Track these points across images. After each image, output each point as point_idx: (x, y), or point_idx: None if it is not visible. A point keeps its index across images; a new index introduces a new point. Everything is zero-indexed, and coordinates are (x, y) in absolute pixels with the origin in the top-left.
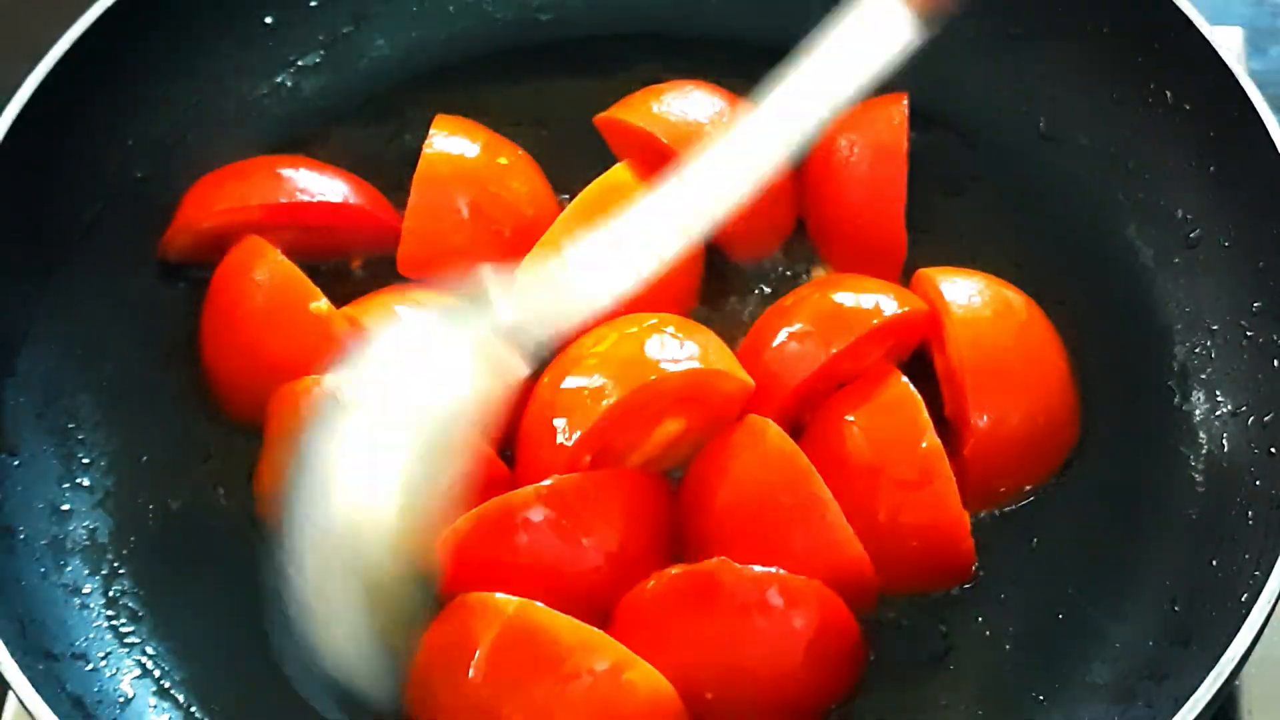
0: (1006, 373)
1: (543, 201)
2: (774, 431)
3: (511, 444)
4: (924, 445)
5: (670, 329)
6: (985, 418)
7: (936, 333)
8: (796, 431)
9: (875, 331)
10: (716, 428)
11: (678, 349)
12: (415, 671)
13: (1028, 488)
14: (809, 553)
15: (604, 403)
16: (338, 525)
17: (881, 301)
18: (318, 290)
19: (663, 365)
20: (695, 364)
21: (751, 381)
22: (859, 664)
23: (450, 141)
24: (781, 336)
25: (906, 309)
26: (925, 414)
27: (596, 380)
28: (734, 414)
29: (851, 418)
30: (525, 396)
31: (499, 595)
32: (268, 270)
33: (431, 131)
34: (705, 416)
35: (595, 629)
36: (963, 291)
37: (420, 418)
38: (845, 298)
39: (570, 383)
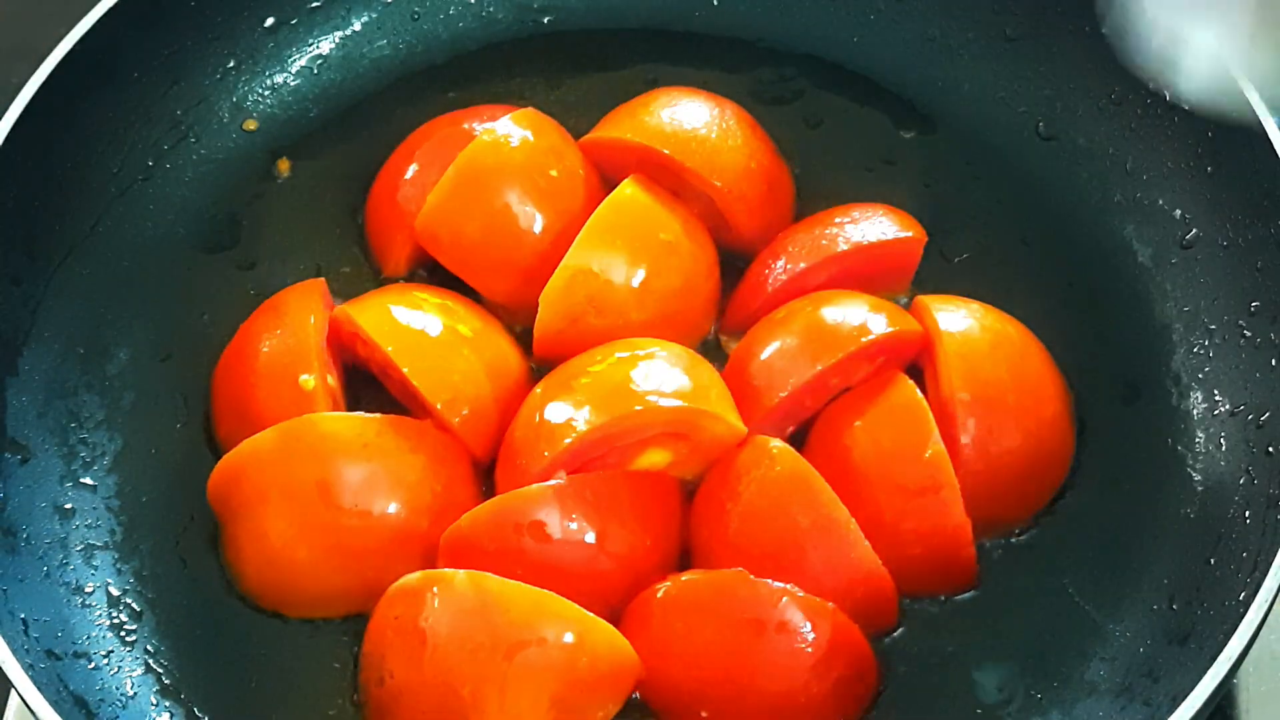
0: (998, 408)
1: (573, 224)
2: (786, 452)
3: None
4: (929, 453)
5: (670, 360)
6: (973, 452)
7: (930, 362)
8: (794, 438)
9: (864, 350)
10: (707, 463)
11: (669, 384)
12: (367, 652)
13: (1013, 521)
14: (828, 573)
15: (577, 429)
16: None
17: (871, 320)
18: (316, 363)
19: (648, 399)
20: (680, 402)
21: (744, 428)
22: (869, 689)
23: (511, 134)
24: (770, 350)
25: (897, 328)
26: (931, 420)
27: (578, 403)
28: (723, 455)
29: (859, 423)
30: (521, 396)
31: (447, 569)
32: (285, 326)
33: (506, 118)
34: (693, 453)
35: (549, 593)
36: (958, 322)
37: None
38: (835, 314)
39: (554, 401)
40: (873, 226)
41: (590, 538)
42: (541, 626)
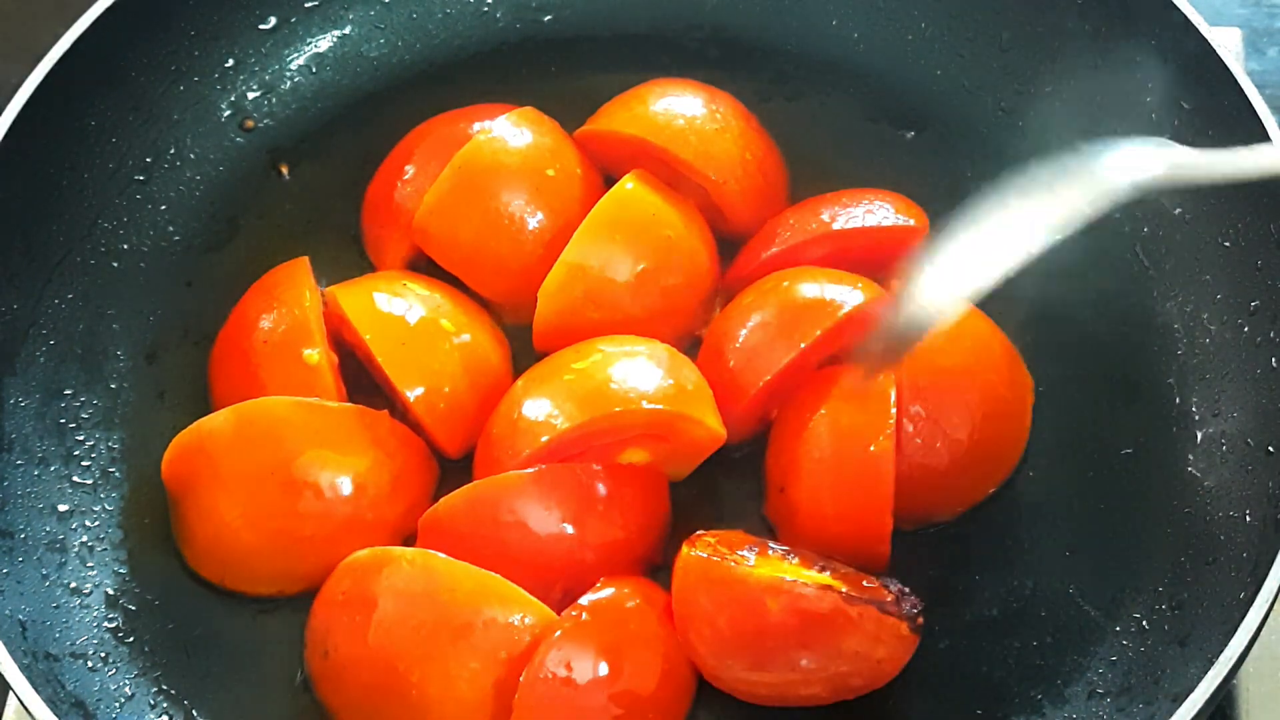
0: (946, 398)
1: (570, 224)
2: None
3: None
4: (874, 447)
5: (652, 360)
6: (912, 438)
7: None
8: (765, 425)
9: (841, 323)
10: (689, 463)
11: (650, 385)
12: (311, 625)
13: (946, 512)
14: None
15: (556, 427)
16: None
17: (845, 292)
18: (318, 335)
19: (628, 400)
20: (660, 405)
21: (724, 432)
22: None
23: (509, 134)
24: (747, 332)
25: (870, 296)
26: (890, 414)
27: (558, 400)
28: (702, 457)
29: (825, 407)
30: (500, 391)
31: (395, 548)
32: (281, 304)
33: (504, 117)
34: (672, 454)
35: (495, 575)
36: None
37: None
38: (810, 289)
39: (534, 397)
40: (873, 211)
41: (567, 527)
42: (486, 608)
